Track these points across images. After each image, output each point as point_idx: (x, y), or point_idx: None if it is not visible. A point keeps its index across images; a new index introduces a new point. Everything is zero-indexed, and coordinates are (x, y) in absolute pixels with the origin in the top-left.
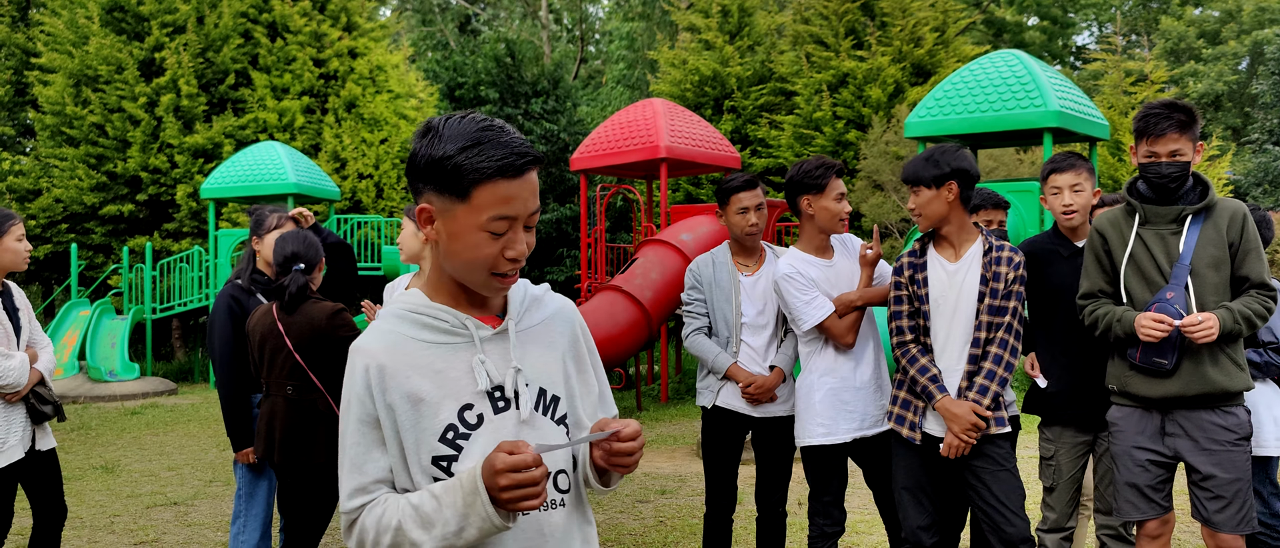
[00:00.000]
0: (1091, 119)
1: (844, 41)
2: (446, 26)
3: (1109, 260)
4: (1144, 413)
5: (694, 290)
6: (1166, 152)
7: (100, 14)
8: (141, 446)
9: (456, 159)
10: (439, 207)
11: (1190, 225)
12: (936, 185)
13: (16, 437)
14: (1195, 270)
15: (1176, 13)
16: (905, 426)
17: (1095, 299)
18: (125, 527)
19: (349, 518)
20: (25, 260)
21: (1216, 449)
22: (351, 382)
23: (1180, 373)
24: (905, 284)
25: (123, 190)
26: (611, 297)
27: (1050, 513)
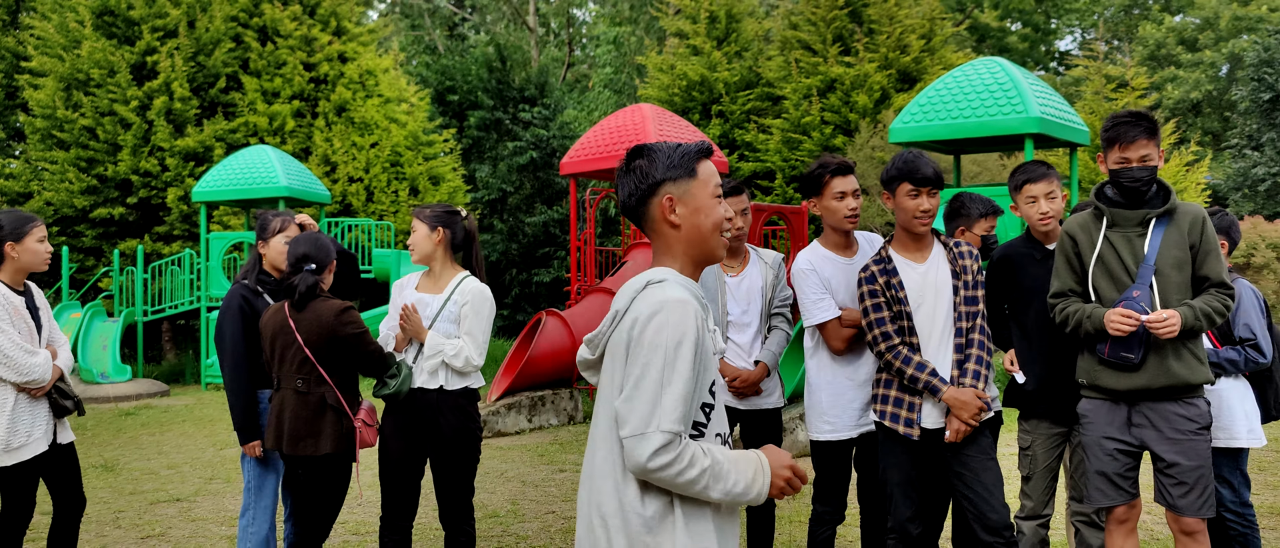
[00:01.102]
0: (1072, 125)
1: (832, 48)
2: (435, 30)
3: (1078, 262)
4: (1112, 405)
5: None
6: (1137, 157)
7: (91, 18)
8: (139, 445)
9: (679, 150)
10: (679, 191)
11: (1154, 228)
12: (940, 189)
13: (41, 430)
14: (1159, 270)
15: (1157, 19)
16: (901, 423)
17: (1066, 298)
18: (131, 522)
19: (667, 437)
20: (46, 262)
21: (1180, 438)
22: (685, 323)
23: (1146, 367)
24: (881, 290)
25: (113, 193)
26: (602, 299)
27: (1028, 501)
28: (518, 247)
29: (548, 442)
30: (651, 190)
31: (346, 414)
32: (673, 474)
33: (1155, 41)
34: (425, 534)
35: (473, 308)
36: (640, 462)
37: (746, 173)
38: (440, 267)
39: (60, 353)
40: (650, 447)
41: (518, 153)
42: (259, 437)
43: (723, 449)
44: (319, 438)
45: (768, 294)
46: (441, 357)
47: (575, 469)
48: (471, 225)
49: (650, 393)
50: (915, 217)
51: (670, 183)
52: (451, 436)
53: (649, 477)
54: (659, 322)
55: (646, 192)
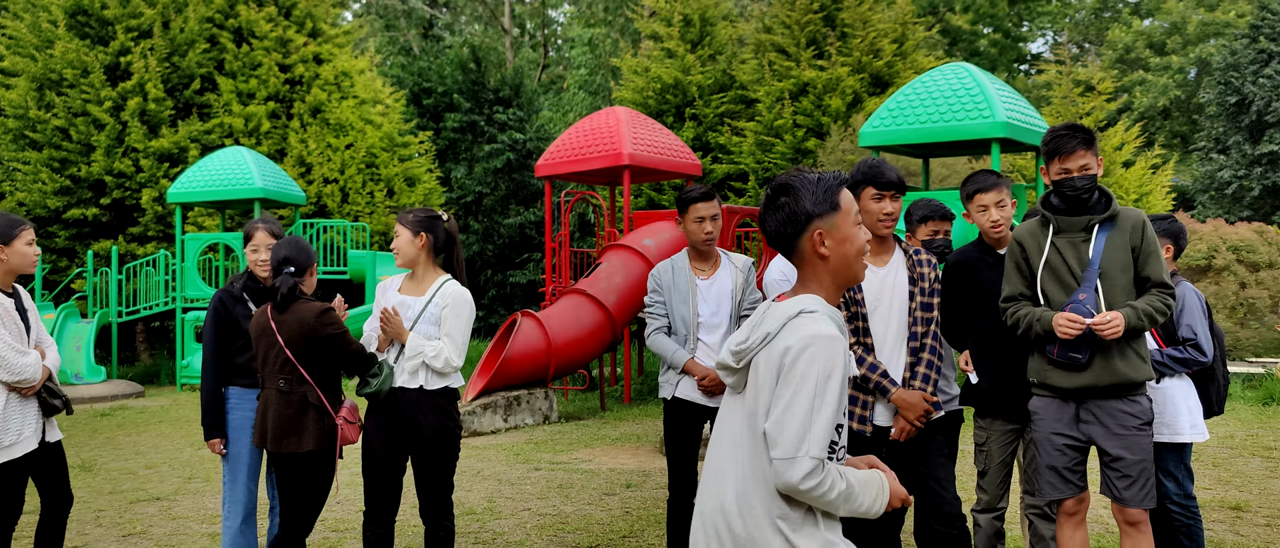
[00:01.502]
0: (1038, 129)
1: (805, 51)
2: (410, 31)
3: (1027, 267)
4: (1061, 403)
5: (655, 294)
6: (1077, 167)
7: (64, 18)
8: (116, 446)
9: (822, 184)
10: (826, 226)
11: (1098, 233)
12: (903, 193)
13: (31, 429)
14: (1104, 273)
15: (1126, 21)
16: (854, 420)
17: (1016, 302)
18: (112, 521)
19: (815, 462)
20: (35, 263)
21: (1124, 434)
22: (835, 358)
23: (1093, 367)
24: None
25: (87, 194)
26: (577, 300)
27: (983, 495)
28: (493, 248)
29: (523, 441)
30: (801, 227)
31: (328, 412)
32: (818, 495)
33: (1124, 45)
34: (403, 531)
35: (453, 310)
36: (792, 483)
37: (720, 175)
38: (423, 270)
39: (48, 353)
40: (801, 471)
41: (494, 155)
42: (220, 435)
43: (853, 471)
44: (301, 436)
45: (737, 296)
46: (422, 357)
47: (551, 468)
48: (453, 228)
49: (801, 420)
50: (878, 220)
51: (818, 218)
52: (432, 434)
53: (795, 495)
54: (811, 354)
55: (796, 228)
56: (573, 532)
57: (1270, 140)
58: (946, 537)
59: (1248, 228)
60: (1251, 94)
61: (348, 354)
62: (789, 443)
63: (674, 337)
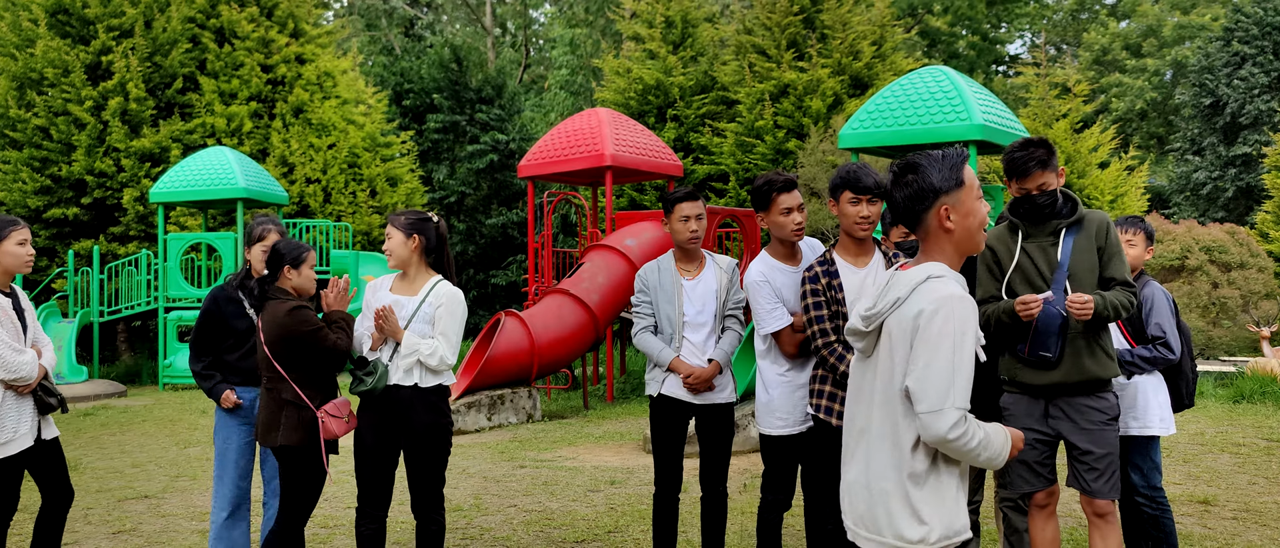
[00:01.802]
0: (1014, 132)
1: (786, 53)
2: (391, 31)
3: (998, 269)
4: (1031, 400)
5: (642, 294)
6: (1035, 186)
7: (45, 17)
8: (101, 445)
9: (947, 161)
10: (952, 201)
11: (1065, 236)
12: (881, 197)
13: (27, 426)
14: (1072, 274)
15: (1104, 23)
16: (834, 416)
17: (987, 304)
18: (101, 518)
19: (960, 413)
20: (27, 264)
21: (1092, 428)
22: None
23: (1063, 365)
24: (822, 290)
25: (67, 194)
26: (559, 300)
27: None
28: (475, 248)
29: (508, 439)
30: (929, 203)
31: (307, 407)
32: (962, 444)
33: (1100, 47)
34: (393, 526)
35: (447, 310)
36: (940, 433)
37: (701, 176)
38: (415, 270)
39: (45, 352)
40: (948, 421)
41: (476, 156)
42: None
43: (982, 424)
44: (279, 430)
45: (721, 296)
46: (417, 355)
47: (535, 465)
48: (443, 229)
49: (943, 374)
50: (856, 222)
51: (945, 194)
52: (424, 430)
53: (943, 445)
54: (945, 313)
55: (924, 204)
56: (558, 527)
57: (1244, 142)
58: None
59: (1220, 229)
60: (1226, 96)
61: (323, 350)
62: (935, 396)
63: (660, 336)
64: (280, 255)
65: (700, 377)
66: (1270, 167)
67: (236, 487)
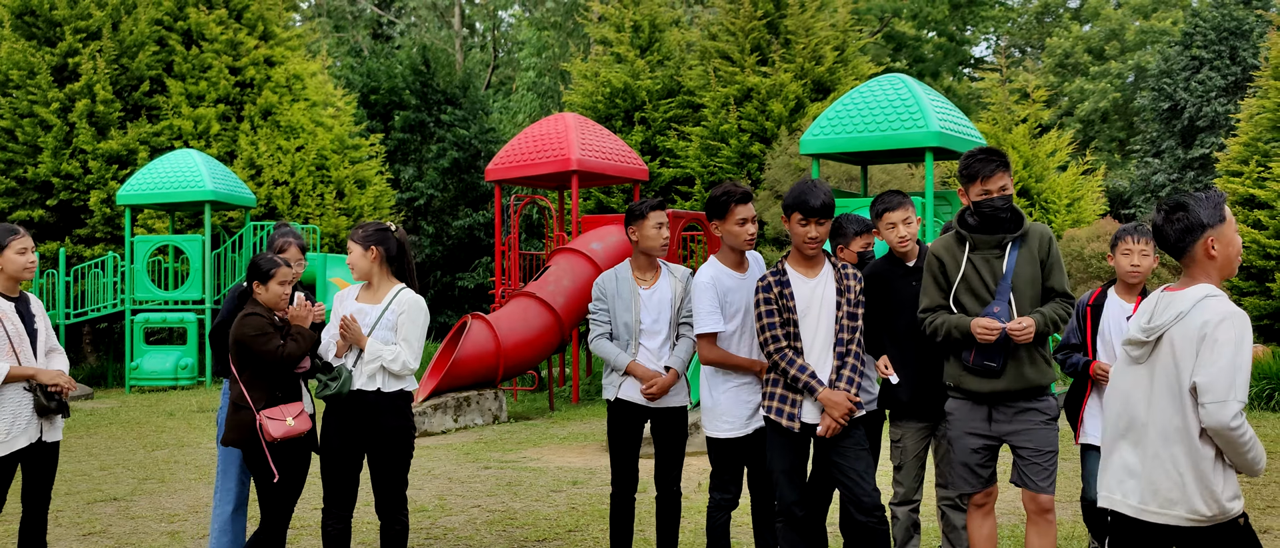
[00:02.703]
0: (970, 138)
1: (749, 57)
2: (360, 33)
3: (944, 280)
4: (974, 405)
5: (599, 301)
6: (996, 188)
7: (10, 18)
8: (67, 448)
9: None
10: (1216, 234)
11: (1010, 250)
12: (829, 218)
13: (21, 426)
14: (1016, 287)
15: (1067, 27)
16: (784, 416)
17: (934, 313)
18: (71, 520)
19: (1241, 405)
20: (29, 271)
21: (1034, 429)
22: (1246, 327)
23: (1006, 373)
24: (775, 299)
25: (33, 196)
26: (525, 303)
27: (899, 488)
28: (443, 250)
29: (473, 441)
30: (1197, 236)
31: (247, 408)
32: (1239, 434)
33: (1062, 51)
34: (356, 528)
35: (409, 317)
36: (1224, 421)
37: (667, 179)
38: (378, 279)
39: (55, 359)
40: (1231, 412)
41: (441, 155)
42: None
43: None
44: (228, 429)
45: (676, 305)
46: (380, 361)
47: (500, 466)
48: (403, 237)
49: (1228, 372)
50: (805, 242)
51: (1210, 228)
52: (389, 433)
53: (1222, 432)
54: (1228, 324)
55: (1192, 237)
56: (521, 527)
57: (1202, 145)
58: (866, 527)
59: None
60: (1183, 100)
61: (260, 356)
62: (1221, 389)
63: (616, 342)
64: (254, 268)
65: (661, 385)
66: (1223, 171)
67: (240, 483)
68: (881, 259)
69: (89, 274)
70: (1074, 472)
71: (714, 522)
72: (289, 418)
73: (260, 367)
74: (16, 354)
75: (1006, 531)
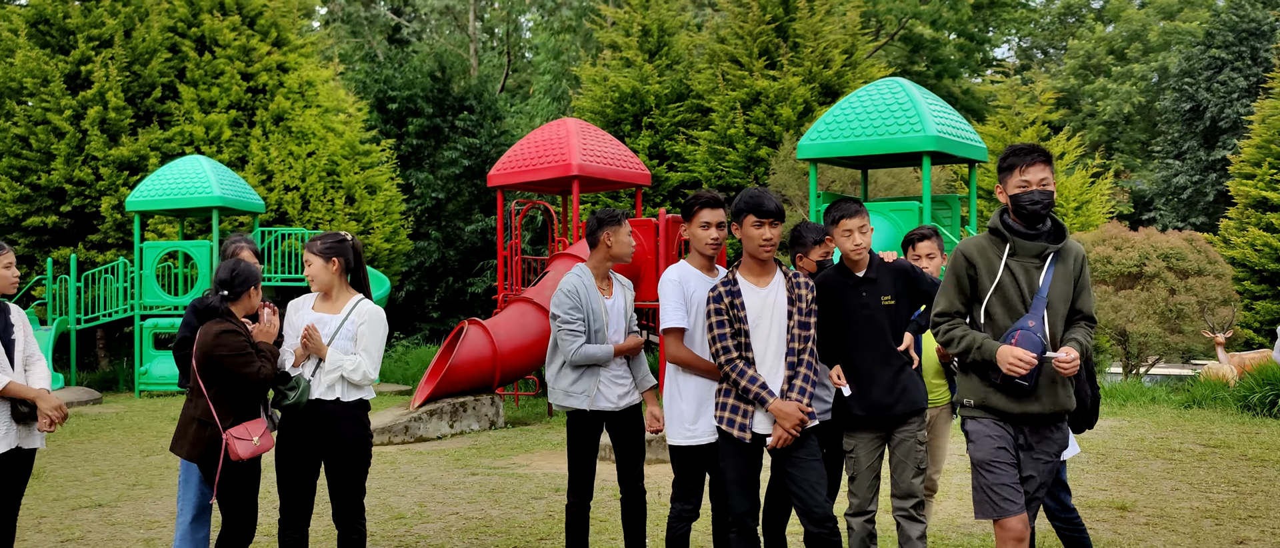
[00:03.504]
0: (968, 142)
1: (757, 61)
2: (375, 38)
3: (971, 284)
4: (1001, 425)
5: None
6: (1037, 180)
7: (25, 26)
8: (66, 452)
9: None
10: None
11: (1050, 262)
12: (781, 221)
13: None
14: (1050, 303)
15: (1090, 28)
16: (735, 427)
17: (951, 319)
18: (52, 527)
19: None
20: (13, 285)
21: (1046, 459)
22: None
23: (1041, 395)
24: (726, 309)
25: (47, 202)
26: (522, 308)
27: (854, 499)
28: (455, 253)
29: (467, 446)
30: None
31: (213, 425)
32: None
33: (1085, 53)
34: (312, 538)
35: (369, 328)
36: None
37: (675, 183)
38: (336, 290)
39: (35, 369)
40: None
41: (453, 162)
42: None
43: None
44: (183, 443)
45: (628, 314)
46: (340, 371)
47: (487, 473)
48: (359, 247)
49: None
50: (759, 245)
51: None
52: (349, 442)
53: None
54: None
55: None
56: (494, 535)
57: (1223, 146)
58: (818, 537)
59: (1178, 237)
60: (1205, 101)
61: (239, 377)
62: None
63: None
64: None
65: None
66: (1235, 173)
67: (200, 492)
68: (833, 268)
69: (100, 280)
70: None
71: (674, 533)
72: (255, 437)
73: (231, 385)
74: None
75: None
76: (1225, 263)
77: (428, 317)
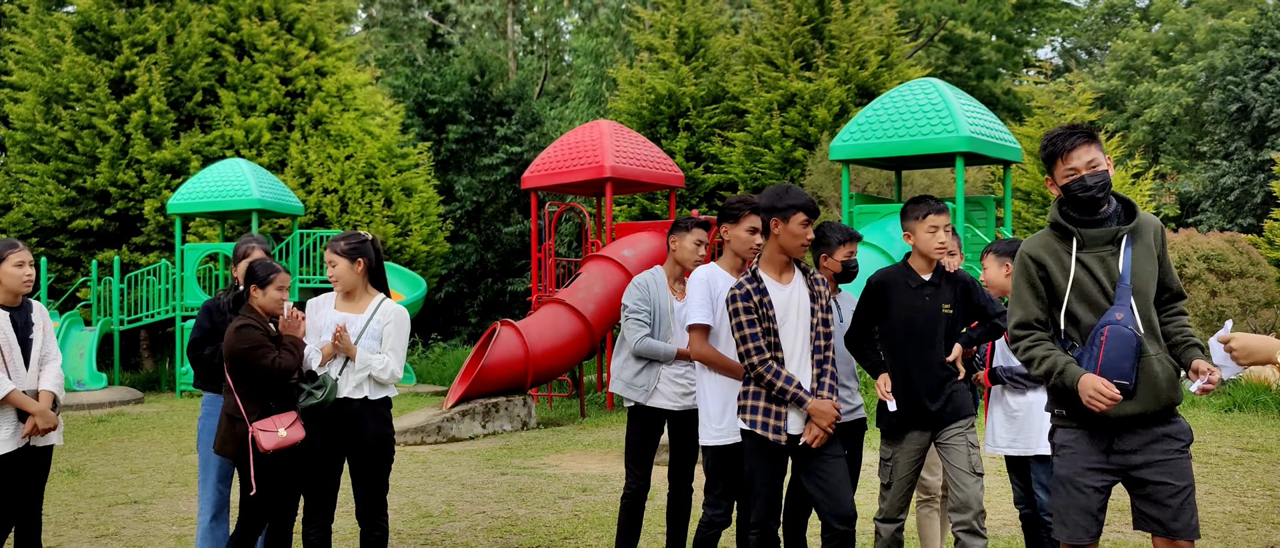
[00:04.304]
0: (1003, 143)
1: (793, 63)
2: (414, 42)
3: (1046, 287)
4: (1093, 435)
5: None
6: (1084, 163)
7: (72, 33)
8: (107, 451)
9: None
10: None
11: (1125, 244)
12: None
13: (7, 432)
14: (1136, 288)
15: (1134, 26)
16: (769, 430)
17: (1031, 330)
18: (88, 523)
19: None
20: (26, 283)
21: (1168, 459)
22: None
23: (1139, 393)
24: (754, 306)
25: (92, 205)
26: (555, 310)
27: (884, 504)
28: (495, 256)
29: (498, 447)
30: None
31: (241, 420)
32: None
33: (1129, 54)
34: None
35: (395, 327)
36: None
37: (710, 185)
38: (360, 290)
39: (48, 368)
40: None
41: (493, 168)
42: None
43: None
44: (217, 440)
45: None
46: (369, 370)
47: (517, 472)
48: (380, 245)
49: None
50: (801, 243)
51: None
52: (374, 440)
53: None
54: None
55: None
56: (519, 533)
57: (1272, 146)
58: (844, 535)
59: (1220, 238)
60: (1253, 100)
61: (258, 370)
62: None
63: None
64: (252, 274)
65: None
66: None
67: (217, 491)
68: (895, 266)
69: (143, 281)
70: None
71: (703, 537)
72: (281, 429)
73: (254, 379)
74: (6, 364)
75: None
76: (1268, 264)
77: (466, 319)
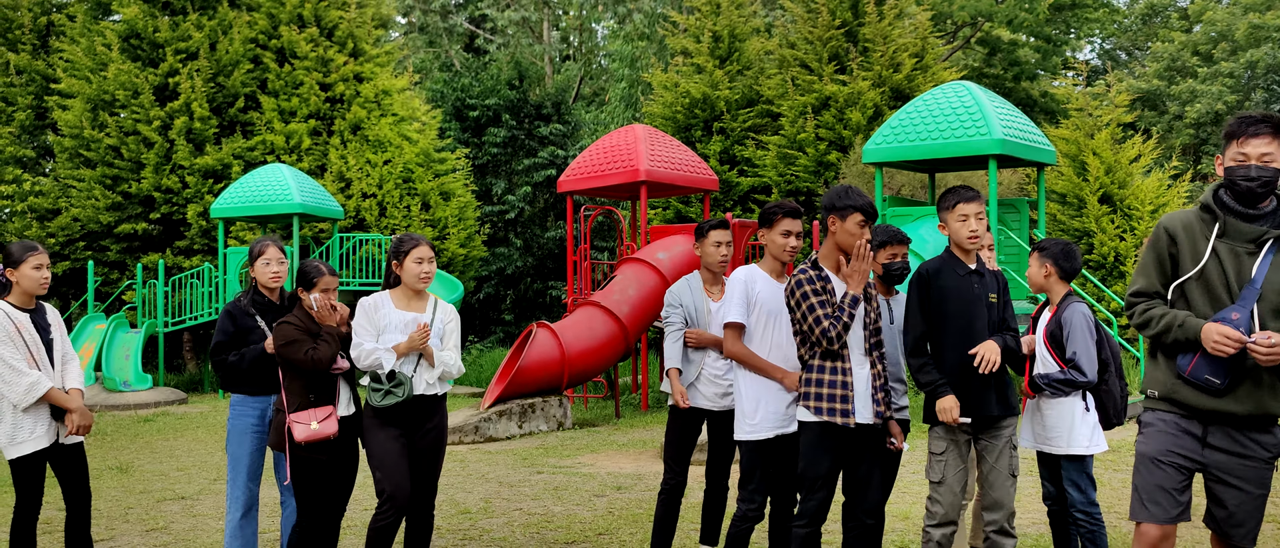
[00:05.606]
0: (1036, 145)
1: (827, 66)
2: (451, 47)
3: (1173, 264)
4: (1184, 420)
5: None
6: (1257, 154)
7: (118, 42)
8: (153, 449)
9: None
10: None
11: (1268, 249)
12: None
13: (43, 428)
14: (1263, 295)
15: (1173, 26)
16: (837, 415)
17: (1148, 299)
18: (138, 517)
19: None
20: (43, 285)
21: (1253, 465)
22: None
23: (1237, 393)
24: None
25: (137, 210)
26: (590, 312)
27: (938, 507)
28: (533, 260)
29: (534, 447)
30: None
31: (283, 412)
32: None
33: (1170, 55)
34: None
35: (454, 326)
36: None
37: (744, 188)
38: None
39: (70, 368)
40: None
41: (534, 169)
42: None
43: None
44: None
45: None
46: (443, 368)
47: (553, 471)
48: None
49: None
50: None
51: None
52: (437, 434)
53: None
54: None
55: None
56: (555, 530)
57: None
58: (871, 528)
59: None
60: None
61: (291, 362)
62: None
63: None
64: (302, 274)
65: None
66: None
67: (246, 489)
68: (939, 257)
69: (187, 284)
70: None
71: (737, 531)
72: (314, 422)
73: (294, 372)
74: (36, 363)
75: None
76: None
77: (502, 321)
